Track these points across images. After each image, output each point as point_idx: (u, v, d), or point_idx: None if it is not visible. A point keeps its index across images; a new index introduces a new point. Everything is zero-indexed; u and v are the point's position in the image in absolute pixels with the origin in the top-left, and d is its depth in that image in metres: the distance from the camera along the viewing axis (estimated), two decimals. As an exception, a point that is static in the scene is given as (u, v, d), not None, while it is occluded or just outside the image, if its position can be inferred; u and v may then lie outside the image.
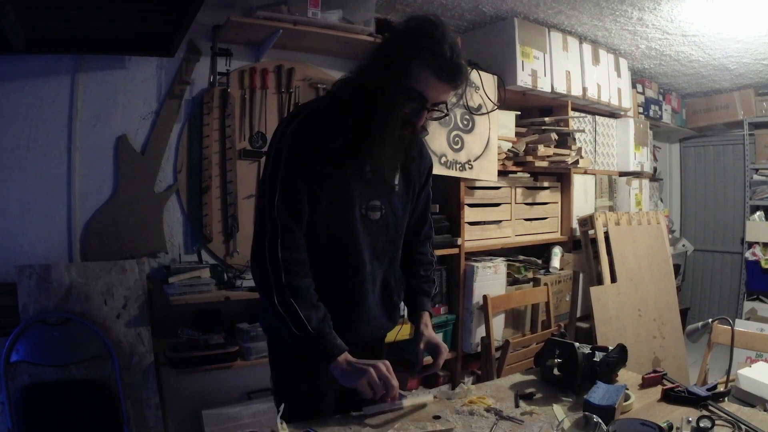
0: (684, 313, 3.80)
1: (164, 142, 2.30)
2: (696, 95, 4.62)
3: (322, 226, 1.24)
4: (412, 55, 1.13)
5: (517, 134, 2.94)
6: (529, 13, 2.86)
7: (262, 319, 1.43)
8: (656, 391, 1.37)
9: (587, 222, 3.07)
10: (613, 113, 3.62)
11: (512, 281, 2.87)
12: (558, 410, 1.26)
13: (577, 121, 3.29)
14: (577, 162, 3.12)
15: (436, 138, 2.48)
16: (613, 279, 2.97)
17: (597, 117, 3.49)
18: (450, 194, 2.69)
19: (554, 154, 2.96)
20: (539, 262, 3.12)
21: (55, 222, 2.13)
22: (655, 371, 1.45)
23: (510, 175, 2.93)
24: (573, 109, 3.24)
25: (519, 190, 2.99)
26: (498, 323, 2.67)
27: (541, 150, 2.88)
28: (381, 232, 1.32)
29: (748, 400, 1.82)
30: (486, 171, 2.68)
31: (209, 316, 2.22)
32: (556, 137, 2.99)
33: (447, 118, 2.51)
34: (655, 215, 3.40)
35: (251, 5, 2.20)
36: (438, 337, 1.45)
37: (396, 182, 1.33)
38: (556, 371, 1.41)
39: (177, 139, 2.34)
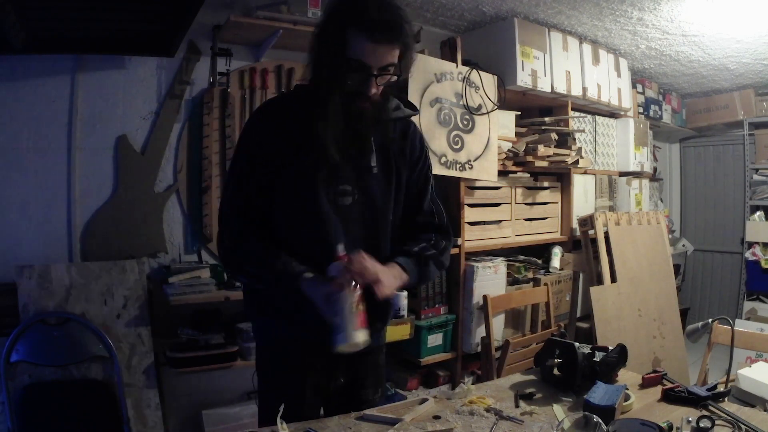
0: (684, 313, 3.79)
1: (164, 142, 2.31)
2: (696, 95, 4.62)
3: (285, 213, 1.21)
4: (343, 26, 1.10)
5: (517, 134, 2.94)
6: (529, 13, 2.85)
7: (251, 317, 1.38)
8: (656, 391, 1.36)
9: (587, 222, 3.07)
10: (613, 113, 3.62)
11: (512, 281, 2.87)
12: (558, 410, 1.26)
13: (577, 121, 3.29)
14: (577, 162, 3.12)
15: (436, 138, 2.48)
16: (613, 279, 2.97)
17: (597, 117, 3.49)
18: (450, 194, 2.69)
19: (554, 154, 2.96)
20: (539, 262, 3.12)
21: (55, 222, 2.12)
22: (655, 371, 1.45)
23: (510, 175, 2.93)
24: (573, 109, 3.24)
25: (519, 190, 2.99)
26: (498, 323, 2.66)
27: (541, 150, 2.88)
28: (355, 219, 1.23)
29: (748, 400, 1.82)
30: (486, 171, 2.68)
31: (209, 316, 2.22)
32: (556, 137, 2.99)
33: (447, 117, 2.53)
34: (655, 215, 3.40)
35: (251, 5, 2.21)
36: (387, 270, 1.18)
37: (373, 163, 1.24)
38: (556, 371, 1.41)
39: (177, 139, 2.34)
